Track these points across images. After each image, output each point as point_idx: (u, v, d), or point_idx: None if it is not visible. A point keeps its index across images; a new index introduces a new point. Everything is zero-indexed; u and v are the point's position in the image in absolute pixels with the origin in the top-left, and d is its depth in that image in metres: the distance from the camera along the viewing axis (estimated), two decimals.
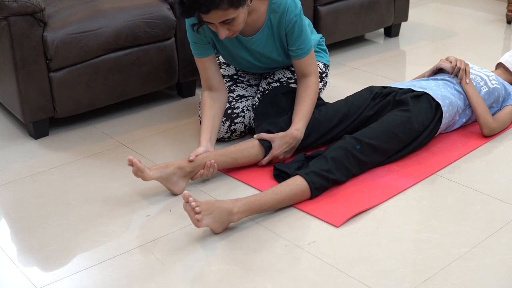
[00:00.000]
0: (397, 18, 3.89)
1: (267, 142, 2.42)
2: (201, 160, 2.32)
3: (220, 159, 2.36)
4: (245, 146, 2.42)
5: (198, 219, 1.99)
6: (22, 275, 1.93)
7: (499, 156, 2.55)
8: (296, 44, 2.47)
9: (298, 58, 2.50)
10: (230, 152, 2.39)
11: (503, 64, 2.94)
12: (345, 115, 2.54)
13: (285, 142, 2.41)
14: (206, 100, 2.53)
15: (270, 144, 2.42)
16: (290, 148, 2.44)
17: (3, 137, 2.82)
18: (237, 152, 2.40)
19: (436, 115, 2.53)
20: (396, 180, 2.36)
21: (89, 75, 2.78)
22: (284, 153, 2.43)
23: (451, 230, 2.09)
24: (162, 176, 2.25)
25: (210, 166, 2.30)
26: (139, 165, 2.19)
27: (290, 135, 2.42)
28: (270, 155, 2.42)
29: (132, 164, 2.19)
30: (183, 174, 2.29)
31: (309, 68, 2.52)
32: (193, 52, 2.55)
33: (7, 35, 2.57)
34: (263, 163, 2.44)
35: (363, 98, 2.60)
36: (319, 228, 2.11)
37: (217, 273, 1.91)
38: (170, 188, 2.29)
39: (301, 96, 2.50)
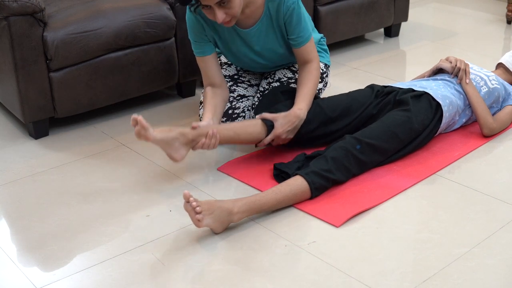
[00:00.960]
0: (397, 18, 3.89)
1: (269, 121, 2.41)
2: (204, 130, 2.29)
3: (223, 131, 2.34)
4: (248, 123, 2.41)
5: (198, 219, 1.99)
6: (22, 275, 1.93)
7: (499, 156, 2.55)
8: (296, 32, 2.47)
9: (298, 47, 2.51)
10: (233, 127, 2.39)
11: (503, 64, 2.94)
12: (347, 108, 2.53)
13: (288, 121, 2.40)
14: (208, 93, 2.53)
15: (273, 124, 2.40)
16: (293, 128, 2.42)
17: (3, 137, 2.82)
18: (240, 128, 2.39)
19: (436, 114, 2.53)
20: (396, 180, 2.36)
21: (89, 75, 2.78)
22: (286, 132, 2.41)
23: (451, 230, 2.09)
24: (164, 140, 2.21)
25: (212, 136, 2.28)
26: (143, 122, 2.15)
27: (293, 114, 2.41)
28: (272, 134, 2.40)
29: (137, 122, 2.15)
30: (185, 141, 2.26)
31: (310, 55, 2.53)
32: (195, 52, 2.55)
33: (7, 35, 2.57)
34: (265, 142, 2.42)
35: (366, 95, 2.60)
36: (319, 228, 2.11)
37: (217, 273, 1.91)
38: (170, 154, 2.25)
39: (303, 79, 2.51)
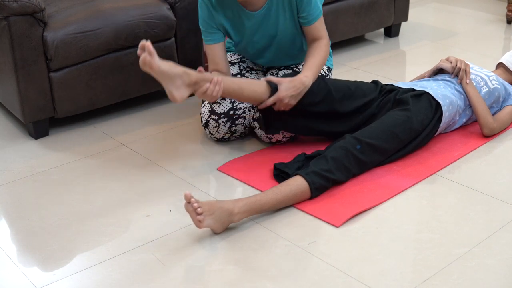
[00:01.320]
0: (397, 18, 3.89)
1: (274, 84, 2.40)
2: (208, 76, 2.26)
3: (227, 82, 2.32)
4: (253, 81, 2.41)
5: (199, 220, 1.99)
6: (22, 275, 1.93)
7: (499, 156, 2.55)
8: (307, 10, 2.49)
9: (309, 25, 2.53)
10: (238, 81, 2.39)
11: (504, 64, 2.94)
12: (351, 92, 2.53)
13: (292, 86, 2.39)
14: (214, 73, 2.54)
15: (278, 87, 2.39)
16: (297, 93, 2.40)
17: (3, 137, 2.82)
18: (244, 83, 2.38)
19: (436, 114, 2.53)
20: (396, 180, 2.36)
21: (89, 75, 2.78)
22: (290, 97, 2.39)
23: (451, 230, 2.09)
24: (168, 72, 2.16)
25: (216, 83, 2.25)
26: (151, 48, 2.10)
27: (298, 79, 2.41)
28: (276, 96, 2.38)
29: (144, 48, 2.10)
30: (189, 81, 2.21)
31: (320, 32, 2.55)
32: (204, 40, 2.58)
33: (7, 35, 2.57)
34: (267, 103, 2.40)
35: (370, 88, 2.61)
36: (319, 228, 2.11)
37: (217, 273, 1.91)
38: (171, 91, 2.20)
39: (311, 52, 2.52)
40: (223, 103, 2.63)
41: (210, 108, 2.63)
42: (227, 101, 2.63)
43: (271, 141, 2.63)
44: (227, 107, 2.62)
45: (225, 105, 2.62)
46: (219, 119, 2.61)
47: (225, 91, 2.31)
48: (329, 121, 2.53)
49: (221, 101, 2.63)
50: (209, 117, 2.62)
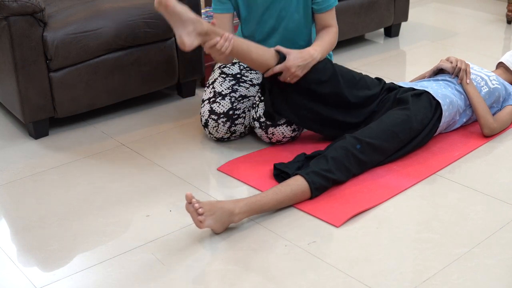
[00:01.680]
0: (397, 18, 3.89)
1: (283, 54, 2.41)
2: (220, 31, 2.27)
3: (237, 41, 2.33)
4: (262, 47, 2.42)
5: (200, 220, 1.99)
6: (22, 275, 1.93)
7: (499, 156, 2.55)
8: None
9: (322, 12, 2.56)
10: (248, 42, 2.39)
11: (504, 64, 2.94)
12: (355, 81, 2.55)
13: (301, 56, 2.41)
14: None
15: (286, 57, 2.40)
16: (304, 64, 2.42)
17: (3, 137, 2.82)
18: (254, 46, 2.39)
19: (435, 113, 2.53)
20: (396, 180, 2.36)
21: (89, 75, 2.78)
22: (297, 67, 2.40)
23: (451, 230, 2.09)
24: (182, 15, 2.17)
25: (227, 39, 2.26)
26: None
27: (307, 51, 2.44)
28: (283, 64, 2.40)
29: None
30: (200, 29, 2.22)
31: (331, 21, 2.59)
32: (213, 8, 2.59)
33: (7, 35, 2.57)
34: (274, 70, 2.41)
35: (373, 82, 2.62)
36: (319, 228, 2.11)
37: (217, 273, 1.91)
38: (181, 36, 2.20)
39: (321, 35, 2.56)
40: (223, 103, 2.63)
41: (209, 108, 2.63)
42: (227, 101, 2.63)
43: (271, 141, 2.63)
44: (226, 107, 2.62)
45: (225, 105, 2.63)
46: (218, 119, 2.61)
47: (234, 50, 2.32)
48: (331, 108, 2.53)
49: (221, 100, 2.63)
50: (208, 117, 2.62)
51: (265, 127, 2.58)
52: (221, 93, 2.65)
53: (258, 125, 2.60)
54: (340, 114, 2.54)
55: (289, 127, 2.59)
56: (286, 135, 2.61)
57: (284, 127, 2.58)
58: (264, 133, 2.59)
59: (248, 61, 2.43)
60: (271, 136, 2.60)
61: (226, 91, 2.66)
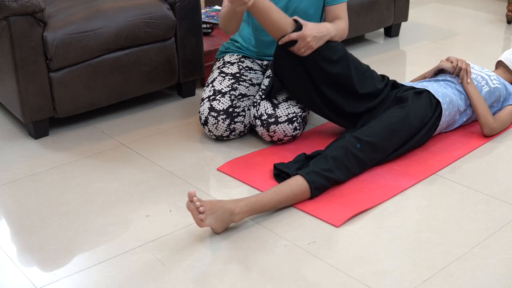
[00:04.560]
0: (397, 18, 3.89)
1: (300, 23, 2.43)
2: None
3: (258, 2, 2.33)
4: (282, 13, 2.43)
5: (201, 219, 1.99)
6: (22, 275, 1.93)
7: (499, 156, 2.55)
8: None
9: (333, 4, 2.60)
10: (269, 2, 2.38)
11: (503, 63, 2.94)
12: (363, 70, 2.57)
13: (317, 28, 2.43)
14: None
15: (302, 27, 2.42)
16: (320, 36, 2.43)
17: (3, 137, 2.82)
18: (274, 7, 2.39)
19: (435, 112, 2.53)
20: (396, 180, 2.36)
21: (89, 75, 2.78)
22: (312, 37, 2.41)
23: (451, 230, 2.09)
24: None
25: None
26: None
27: (323, 25, 2.47)
28: (300, 32, 2.40)
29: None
30: None
31: (342, 13, 2.62)
32: None
33: (7, 35, 2.57)
34: (291, 36, 2.41)
35: (378, 77, 2.64)
36: (319, 228, 2.11)
37: (218, 273, 1.91)
38: None
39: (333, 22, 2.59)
40: (223, 101, 2.63)
41: (209, 105, 2.63)
42: (227, 99, 2.64)
43: (272, 139, 2.63)
44: (226, 105, 2.62)
45: (225, 103, 2.63)
46: (218, 116, 2.61)
47: (255, 4, 2.33)
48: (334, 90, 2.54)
49: (221, 98, 2.63)
50: (208, 114, 2.62)
51: (267, 125, 2.58)
52: (220, 91, 2.66)
53: (259, 123, 2.60)
54: (341, 99, 2.55)
55: (291, 125, 2.59)
56: (288, 133, 2.61)
57: (285, 125, 2.58)
58: (266, 131, 2.59)
59: (267, 21, 2.41)
60: (273, 134, 2.60)
61: (226, 89, 2.66)
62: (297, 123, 2.61)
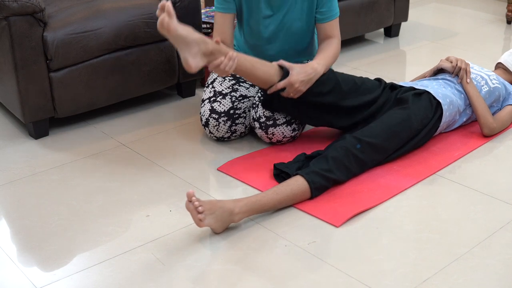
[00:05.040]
0: (397, 18, 3.89)
1: (286, 69, 2.41)
2: (225, 48, 2.24)
3: (241, 59, 2.31)
4: (266, 62, 2.41)
5: (200, 219, 1.99)
6: (22, 275, 1.93)
7: (499, 156, 2.55)
8: (327, 6, 2.52)
9: (325, 21, 2.56)
10: (251, 59, 2.37)
11: (503, 64, 2.94)
12: (357, 86, 2.54)
13: (304, 71, 2.40)
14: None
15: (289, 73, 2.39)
16: (308, 79, 2.40)
17: (3, 137, 2.82)
18: (257, 62, 2.37)
19: (436, 113, 2.53)
20: (396, 180, 2.36)
21: (89, 75, 2.78)
22: (300, 82, 2.39)
23: (451, 230, 2.09)
24: (186, 37, 2.14)
25: (231, 58, 2.23)
26: (171, 9, 2.08)
27: (310, 65, 2.43)
28: (287, 80, 2.38)
29: (164, 8, 2.08)
30: (205, 50, 2.19)
31: (334, 31, 2.58)
32: (216, 7, 2.58)
33: (7, 35, 2.57)
34: (278, 86, 2.40)
35: (374, 84, 2.62)
36: (319, 228, 2.11)
37: (217, 273, 1.91)
38: (186, 58, 2.17)
39: (323, 47, 2.55)
40: (224, 102, 2.63)
41: (210, 107, 2.63)
42: (228, 100, 2.63)
43: (271, 141, 2.63)
44: (227, 106, 2.62)
45: (226, 104, 2.63)
46: (219, 118, 2.61)
47: (237, 68, 2.30)
48: (332, 114, 2.54)
49: (221, 100, 2.63)
50: (209, 116, 2.62)
51: (265, 127, 2.58)
52: (221, 92, 2.66)
53: (258, 126, 2.60)
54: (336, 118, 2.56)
55: (289, 127, 2.59)
56: (287, 135, 2.61)
57: (284, 127, 2.58)
58: (264, 133, 2.59)
59: (252, 79, 2.40)
60: (271, 136, 2.60)
61: (227, 90, 2.66)
62: (296, 124, 2.61)
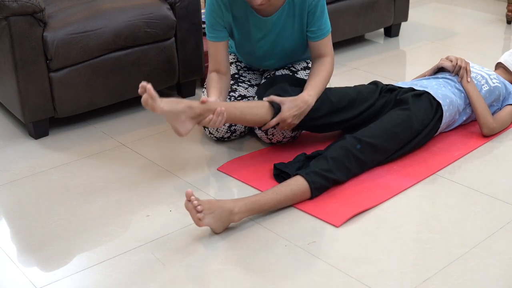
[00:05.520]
0: (397, 18, 3.89)
1: (277, 104, 2.40)
2: (211, 105, 2.25)
3: (229, 109, 2.31)
4: (255, 104, 2.40)
5: (199, 218, 1.99)
6: (22, 275, 1.93)
7: (499, 156, 2.55)
8: (317, 25, 2.48)
9: (316, 40, 2.52)
10: (240, 106, 2.37)
11: (503, 64, 2.94)
12: (353, 100, 2.53)
13: (295, 105, 2.38)
14: (213, 78, 2.51)
15: (280, 107, 2.39)
16: (300, 113, 2.40)
17: (3, 137, 2.82)
18: (246, 108, 2.37)
19: (436, 114, 2.53)
20: (396, 180, 2.36)
21: (89, 75, 2.78)
22: (293, 117, 2.39)
23: (451, 230, 2.09)
24: (172, 111, 2.17)
25: (220, 113, 2.24)
26: (152, 92, 2.11)
27: (301, 98, 2.40)
28: (278, 117, 2.38)
29: (145, 90, 2.10)
30: (192, 114, 2.22)
31: (326, 49, 2.54)
32: (208, 36, 2.55)
33: (7, 35, 2.57)
34: (270, 124, 2.40)
35: (370, 90, 2.61)
36: (319, 228, 2.11)
37: (217, 273, 1.91)
38: (176, 127, 2.21)
39: (316, 69, 2.51)
40: None
41: None
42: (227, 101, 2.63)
43: (271, 141, 2.63)
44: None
45: None
46: None
47: (228, 119, 2.32)
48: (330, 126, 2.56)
49: None
50: None
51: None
52: None
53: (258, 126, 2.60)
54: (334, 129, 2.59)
55: None
56: (286, 135, 2.60)
57: None
58: (264, 134, 2.59)
59: (244, 123, 2.42)
60: (271, 137, 2.60)
61: None
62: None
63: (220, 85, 2.48)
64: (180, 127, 2.21)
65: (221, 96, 2.43)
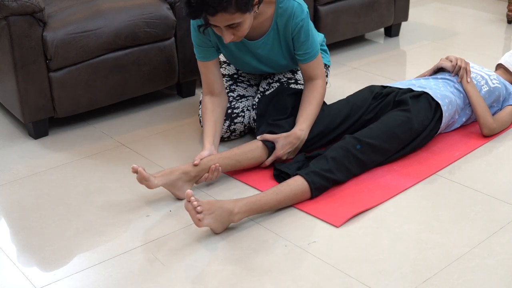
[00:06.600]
0: (397, 18, 3.89)
1: (270, 143, 2.41)
2: (205, 164, 2.30)
3: (224, 162, 2.34)
4: (249, 148, 2.41)
5: (199, 219, 1.99)
6: (22, 275, 1.93)
7: (499, 156, 2.55)
8: (303, 49, 2.46)
9: (305, 62, 2.50)
10: (234, 155, 2.38)
11: (503, 65, 2.94)
12: (347, 115, 2.54)
13: (288, 142, 2.40)
14: (207, 105, 2.51)
15: (274, 145, 2.41)
16: (294, 149, 2.43)
17: (3, 137, 2.82)
18: (241, 155, 2.39)
19: (435, 114, 2.53)
20: (396, 180, 2.36)
21: (89, 75, 2.78)
22: (287, 153, 2.42)
23: (451, 230, 2.09)
24: (167, 183, 2.24)
25: (214, 170, 2.28)
26: (143, 173, 2.16)
27: (293, 135, 2.41)
28: (273, 155, 2.41)
29: (137, 172, 2.16)
30: (188, 178, 2.28)
31: (316, 71, 2.52)
32: (197, 56, 2.53)
33: (7, 35, 2.57)
34: (266, 163, 2.43)
35: (364, 98, 2.60)
36: (319, 228, 2.11)
37: (217, 273, 1.91)
38: (174, 193, 2.28)
39: (307, 98, 2.50)
40: None
41: None
42: None
43: None
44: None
45: None
46: None
47: (224, 170, 2.35)
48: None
49: None
50: None
51: None
52: None
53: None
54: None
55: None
56: None
57: None
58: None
59: (241, 169, 2.43)
60: None
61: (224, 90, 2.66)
62: None
63: (215, 116, 2.49)
64: (178, 193, 2.27)
65: (216, 132, 2.45)
